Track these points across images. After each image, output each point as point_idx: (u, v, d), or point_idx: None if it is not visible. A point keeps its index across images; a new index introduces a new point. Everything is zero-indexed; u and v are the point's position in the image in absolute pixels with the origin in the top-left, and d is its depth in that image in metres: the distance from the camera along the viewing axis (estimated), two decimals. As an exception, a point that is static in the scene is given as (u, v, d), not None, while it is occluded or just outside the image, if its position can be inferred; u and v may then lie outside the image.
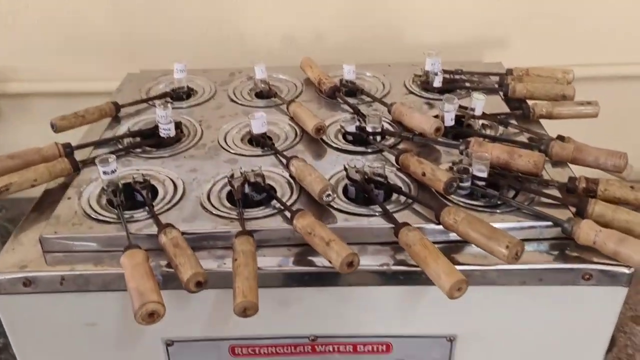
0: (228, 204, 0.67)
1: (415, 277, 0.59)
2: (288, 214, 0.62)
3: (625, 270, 0.59)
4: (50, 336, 0.64)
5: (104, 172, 0.65)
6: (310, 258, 0.61)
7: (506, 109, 0.84)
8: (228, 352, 0.66)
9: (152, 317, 0.51)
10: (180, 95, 0.92)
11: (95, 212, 0.65)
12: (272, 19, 1.14)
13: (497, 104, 0.86)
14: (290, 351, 0.66)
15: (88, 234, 0.62)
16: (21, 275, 0.60)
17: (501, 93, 0.89)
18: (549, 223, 0.61)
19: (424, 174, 0.66)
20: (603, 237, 0.57)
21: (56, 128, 0.79)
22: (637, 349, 0.89)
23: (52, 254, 0.62)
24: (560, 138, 0.76)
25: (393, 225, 0.61)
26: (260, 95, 0.93)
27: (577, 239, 0.59)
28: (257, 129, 0.78)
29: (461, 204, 0.65)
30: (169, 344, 0.65)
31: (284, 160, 0.72)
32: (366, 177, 0.68)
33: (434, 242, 0.61)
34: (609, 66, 1.19)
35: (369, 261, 0.60)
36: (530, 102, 0.85)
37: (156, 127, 0.79)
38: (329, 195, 0.63)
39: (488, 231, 0.56)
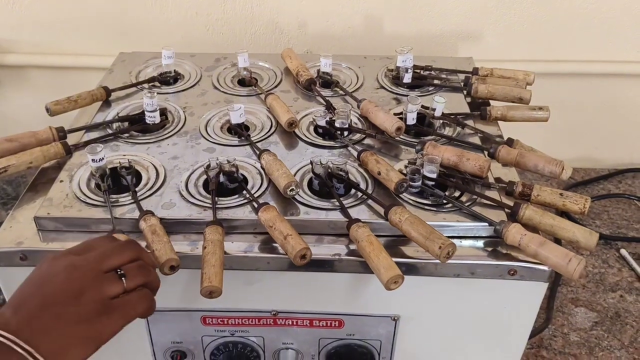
0: (204, 192, 0.74)
1: (364, 267, 0.67)
2: (255, 204, 0.71)
3: (545, 268, 0.67)
4: (44, 303, 0.73)
5: (93, 160, 0.73)
6: (273, 245, 0.69)
7: (467, 109, 0.92)
8: (200, 321, 0.75)
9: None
10: (167, 80, 0.98)
11: (84, 195, 0.73)
12: (257, 5, 1.19)
13: (460, 103, 0.93)
14: (255, 323, 0.76)
15: (77, 216, 0.70)
16: (18, 250, 0.68)
17: (465, 92, 0.96)
18: (485, 223, 0.70)
19: (379, 173, 0.74)
20: (526, 240, 0.65)
21: (50, 112, 0.85)
22: (572, 329, 0.99)
23: (45, 232, 0.70)
24: (510, 141, 0.83)
25: (347, 220, 0.69)
26: (242, 82, 0.99)
27: (505, 240, 0.67)
28: (235, 119, 0.85)
29: (410, 201, 0.73)
30: (148, 313, 0.74)
31: (257, 152, 0.80)
32: (329, 171, 0.76)
33: (385, 236, 0.70)
34: (577, 63, 1.25)
35: (324, 250, 0.69)
36: (492, 103, 0.93)
37: (143, 113, 0.86)
38: (292, 190, 0.71)
39: (426, 231, 0.64)
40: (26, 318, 0.46)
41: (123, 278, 0.51)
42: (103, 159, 0.73)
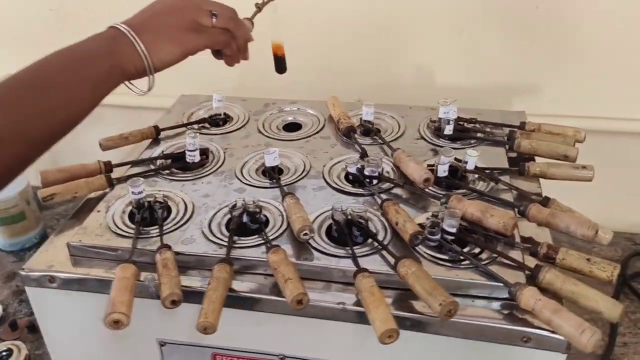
0: (225, 231, 0.77)
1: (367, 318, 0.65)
2: (269, 245, 0.72)
3: (563, 338, 0.62)
4: (69, 323, 0.78)
5: (133, 192, 0.78)
6: (282, 287, 0.70)
7: (506, 164, 0.88)
8: (210, 358, 0.76)
9: (116, 324, 0.62)
10: (217, 121, 1.04)
11: (116, 225, 0.78)
12: (307, 54, 1.23)
13: (500, 157, 0.90)
14: (263, 365, 0.76)
15: (105, 244, 0.75)
16: (47, 273, 0.73)
17: (507, 147, 0.92)
18: (500, 284, 0.66)
19: (397, 224, 0.73)
20: (541, 305, 0.61)
21: (102, 147, 0.93)
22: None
23: (77, 257, 0.75)
24: (546, 200, 0.79)
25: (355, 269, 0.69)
26: (287, 128, 1.03)
27: (519, 303, 0.63)
28: (269, 162, 0.88)
29: (426, 255, 0.71)
30: (162, 344, 0.76)
31: (282, 194, 0.81)
32: (349, 218, 0.76)
33: (395, 288, 0.69)
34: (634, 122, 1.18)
35: (329, 298, 0.68)
36: (537, 159, 0.89)
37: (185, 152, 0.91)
38: (306, 234, 0.72)
39: (429, 287, 0.62)
40: (139, 20, 0.65)
41: (214, 17, 0.68)
42: (142, 192, 0.78)
